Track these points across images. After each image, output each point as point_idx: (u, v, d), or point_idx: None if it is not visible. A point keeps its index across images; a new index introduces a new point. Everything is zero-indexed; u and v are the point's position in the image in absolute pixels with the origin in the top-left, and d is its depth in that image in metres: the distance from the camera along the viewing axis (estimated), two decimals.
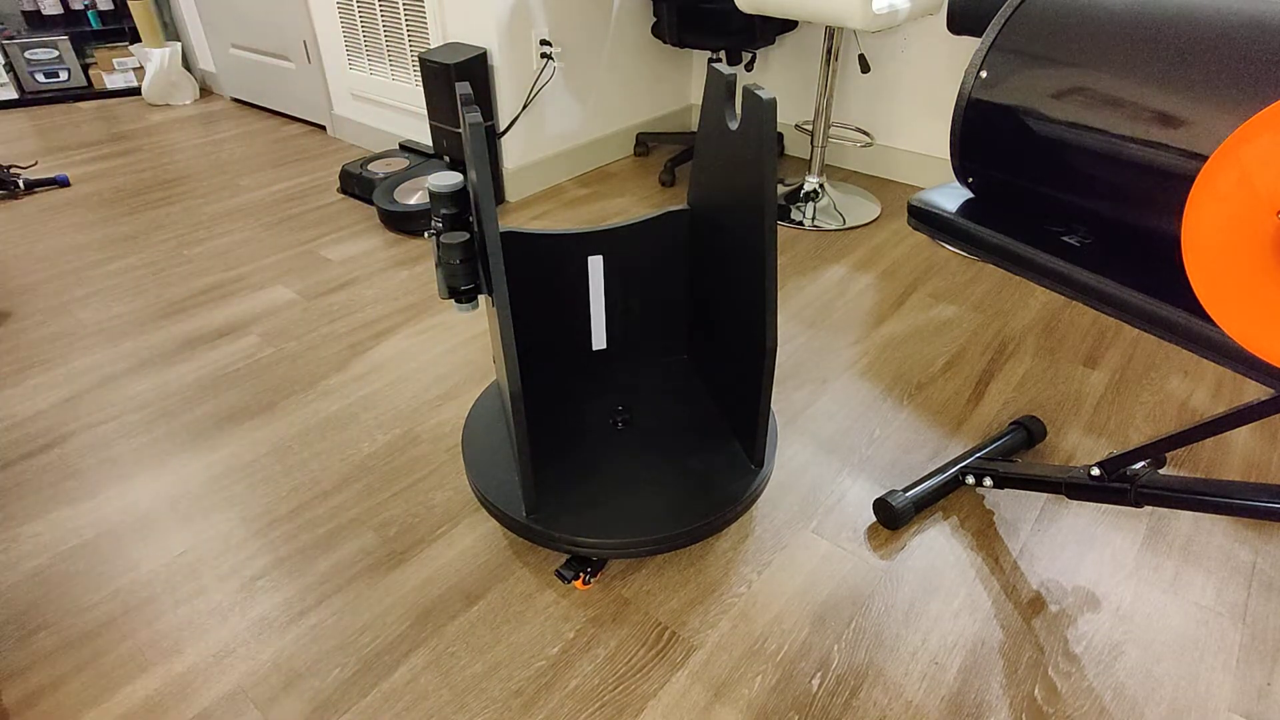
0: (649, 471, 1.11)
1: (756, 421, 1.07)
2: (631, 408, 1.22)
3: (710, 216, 1.12)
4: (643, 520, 1.03)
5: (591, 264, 1.18)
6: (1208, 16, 0.75)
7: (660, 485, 1.09)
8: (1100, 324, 1.66)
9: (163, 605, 1.06)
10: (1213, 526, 1.17)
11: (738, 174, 0.99)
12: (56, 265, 1.93)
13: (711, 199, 1.10)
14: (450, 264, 0.95)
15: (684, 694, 0.95)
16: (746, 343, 1.05)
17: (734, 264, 1.05)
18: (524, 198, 2.34)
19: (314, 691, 0.95)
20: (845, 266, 1.92)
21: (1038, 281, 0.88)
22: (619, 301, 1.24)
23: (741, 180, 0.98)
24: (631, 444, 1.16)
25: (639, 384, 1.28)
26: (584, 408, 1.23)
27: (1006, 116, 0.88)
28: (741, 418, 1.13)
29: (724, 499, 1.06)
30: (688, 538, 1.04)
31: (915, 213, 1.00)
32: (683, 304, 1.28)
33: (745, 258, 1.01)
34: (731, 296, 1.09)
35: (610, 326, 1.26)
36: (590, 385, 1.28)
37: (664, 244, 1.21)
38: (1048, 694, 0.95)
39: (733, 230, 1.03)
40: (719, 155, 1.05)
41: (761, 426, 1.07)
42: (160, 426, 1.38)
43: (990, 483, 1.17)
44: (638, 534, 1.01)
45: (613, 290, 1.22)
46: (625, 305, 1.25)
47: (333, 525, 1.18)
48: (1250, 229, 0.63)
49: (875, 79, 2.36)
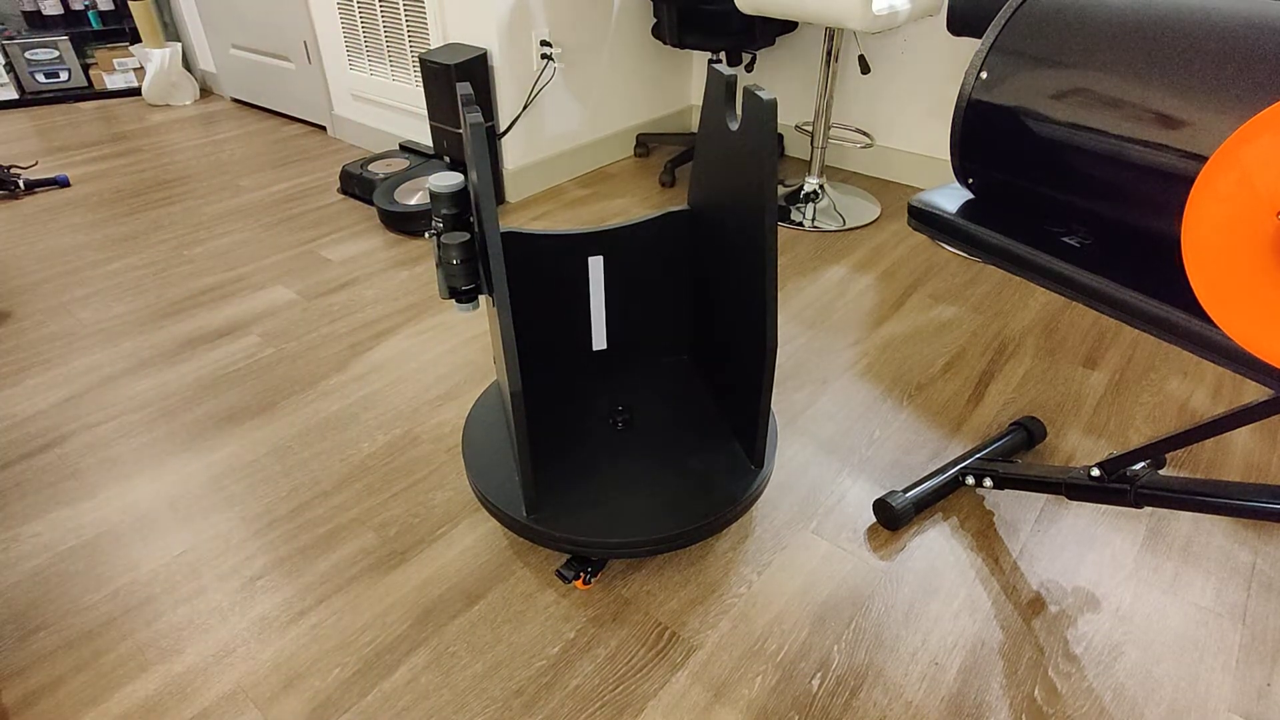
0: (649, 472, 1.11)
1: (757, 422, 1.07)
2: (632, 408, 1.22)
3: (711, 217, 1.12)
4: (643, 520, 1.03)
5: (592, 264, 1.18)
6: (1207, 17, 0.75)
7: (660, 485, 1.08)
8: (1100, 324, 1.66)
9: (162, 605, 1.06)
10: (1213, 527, 1.17)
11: (738, 175, 0.99)
12: (56, 265, 1.93)
13: (712, 199, 1.10)
14: (450, 264, 0.95)
15: (684, 694, 0.95)
16: (747, 343, 1.05)
17: (735, 264, 1.05)
18: (524, 198, 2.34)
19: (314, 691, 0.95)
20: (845, 267, 1.92)
21: (1038, 282, 0.88)
22: (619, 302, 1.24)
23: (742, 181, 0.98)
24: (631, 444, 1.16)
25: (639, 384, 1.28)
26: (584, 408, 1.23)
27: (1006, 117, 0.88)
28: (742, 418, 1.13)
29: (724, 499, 1.06)
30: (688, 538, 1.04)
31: (915, 213, 1.00)
32: (683, 305, 1.28)
33: (746, 258, 1.01)
34: (732, 297, 1.09)
35: (610, 327, 1.26)
36: (590, 385, 1.27)
37: (665, 245, 1.21)
38: (1048, 694, 0.95)
39: (733, 231, 1.03)
40: (719, 156, 1.05)
41: (762, 427, 1.07)
42: (160, 426, 1.38)
43: (990, 483, 1.17)
44: (638, 534, 1.01)
45: (613, 291, 1.22)
46: (626, 306, 1.24)
47: (333, 525, 1.18)
48: (1250, 230, 0.63)
49: (875, 80, 2.36)
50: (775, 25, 2.26)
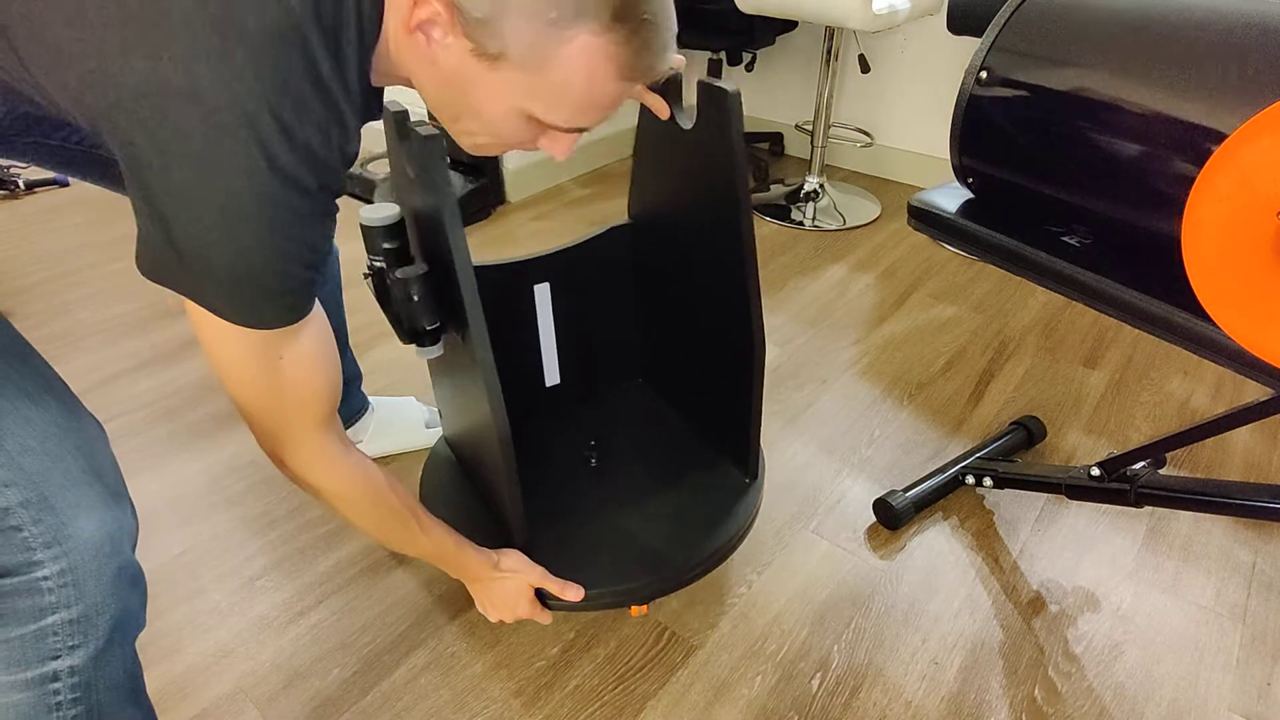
0: (639, 509, 1.03)
1: (749, 433, 1.01)
2: (601, 442, 1.14)
3: (661, 227, 1.04)
4: (654, 560, 0.95)
5: (538, 292, 1.08)
6: (1207, 17, 0.75)
7: (658, 520, 1.01)
8: (1100, 324, 1.66)
9: (162, 605, 1.06)
10: (1213, 526, 1.17)
11: (698, 176, 0.92)
12: (56, 265, 1.93)
13: (662, 208, 1.03)
14: (409, 301, 0.82)
15: (684, 694, 0.95)
16: (726, 353, 0.99)
17: (702, 272, 0.99)
18: (524, 198, 2.34)
19: (314, 691, 0.95)
20: (845, 266, 1.92)
21: (1038, 281, 0.88)
22: (568, 330, 1.14)
23: (703, 183, 0.91)
24: (610, 482, 1.07)
25: (601, 415, 1.19)
26: (550, 450, 1.13)
27: (1006, 116, 0.88)
28: (728, 431, 1.07)
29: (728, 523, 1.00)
30: (704, 568, 0.98)
31: (915, 213, 1.00)
32: (633, 324, 1.20)
33: (716, 263, 0.94)
34: (701, 307, 1.02)
35: (561, 358, 1.16)
36: (550, 424, 1.18)
37: (610, 263, 1.11)
38: (1048, 694, 0.95)
39: (696, 237, 0.97)
40: (670, 161, 0.97)
41: (754, 437, 1.02)
42: (160, 426, 1.38)
43: (990, 483, 1.17)
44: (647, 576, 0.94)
45: (561, 318, 1.12)
46: (575, 333, 1.15)
47: (333, 525, 1.18)
48: (1250, 230, 0.63)
49: (875, 79, 2.36)
50: (774, 24, 2.26)
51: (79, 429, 0.61)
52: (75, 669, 0.60)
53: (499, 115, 0.61)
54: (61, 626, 0.58)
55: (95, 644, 0.60)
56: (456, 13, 0.55)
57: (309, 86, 0.54)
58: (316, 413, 0.71)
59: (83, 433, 0.61)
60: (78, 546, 0.57)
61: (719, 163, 0.87)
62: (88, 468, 0.60)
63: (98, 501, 0.59)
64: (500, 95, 0.59)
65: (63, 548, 0.57)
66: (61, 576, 0.57)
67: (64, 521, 0.57)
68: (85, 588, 0.58)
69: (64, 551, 0.57)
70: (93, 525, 0.58)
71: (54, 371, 0.64)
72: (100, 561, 0.59)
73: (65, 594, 0.58)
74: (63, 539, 0.57)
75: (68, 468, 0.58)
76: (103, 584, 0.59)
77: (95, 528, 0.58)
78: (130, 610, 0.63)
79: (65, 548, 0.57)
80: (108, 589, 0.60)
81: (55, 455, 0.58)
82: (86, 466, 0.60)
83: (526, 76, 0.57)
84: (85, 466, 0.60)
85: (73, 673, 0.60)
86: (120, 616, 0.62)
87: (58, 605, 0.58)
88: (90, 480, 0.59)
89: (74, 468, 0.59)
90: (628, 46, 0.57)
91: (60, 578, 0.57)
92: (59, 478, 0.57)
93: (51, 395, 0.61)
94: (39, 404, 0.59)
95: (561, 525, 1.01)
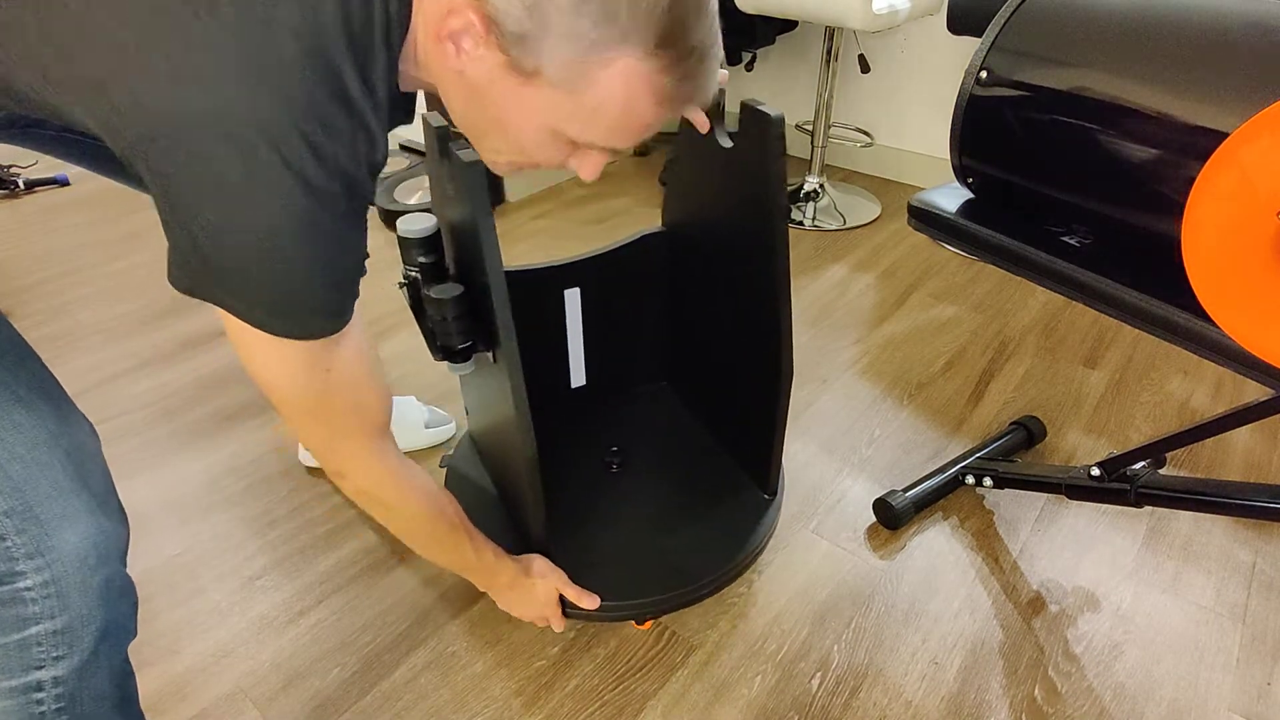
0: (657, 521, 1.04)
1: (771, 451, 1.01)
2: (624, 448, 1.14)
3: (697, 237, 1.05)
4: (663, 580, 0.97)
5: (568, 297, 1.10)
6: (1207, 17, 0.75)
7: (677, 533, 1.02)
8: (1100, 324, 1.66)
9: (161, 605, 1.06)
10: (1213, 526, 1.17)
11: (735, 195, 0.92)
12: (56, 265, 1.93)
13: (697, 220, 1.03)
14: (443, 320, 0.82)
15: (684, 694, 0.95)
16: (753, 368, 0.99)
17: (732, 285, 0.99)
18: (524, 197, 2.34)
19: (314, 691, 0.95)
20: (846, 266, 1.92)
21: (1038, 281, 0.88)
22: (596, 332, 1.15)
23: (740, 202, 0.91)
24: (631, 489, 1.09)
25: (624, 419, 1.21)
26: (573, 452, 1.15)
27: (1007, 116, 0.88)
28: (751, 446, 1.07)
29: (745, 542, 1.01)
30: (720, 583, 0.99)
31: (915, 213, 1.00)
32: (661, 329, 1.21)
33: (749, 285, 0.94)
34: (731, 324, 1.02)
35: (588, 360, 1.18)
36: (575, 426, 1.19)
37: (642, 269, 1.13)
38: (1048, 694, 0.95)
39: (730, 251, 0.97)
40: (708, 175, 0.97)
41: (776, 456, 1.02)
42: (160, 426, 1.38)
43: (990, 483, 1.17)
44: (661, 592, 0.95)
45: (590, 321, 1.14)
46: (603, 336, 1.16)
47: (333, 525, 1.18)
48: (1250, 229, 0.63)
49: (875, 79, 2.36)
50: (774, 24, 2.26)
51: (69, 435, 0.61)
52: (59, 679, 0.60)
53: (528, 133, 0.59)
54: (45, 637, 0.58)
55: (80, 655, 0.60)
56: (492, 25, 0.53)
57: (337, 107, 0.53)
58: (372, 420, 0.71)
59: (73, 439, 0.61)
60: (61, 558, 0.57)
61: (758, 188, 0.86)
62: (76, 476, 0.59)
63: (84, 512, 0.59)
64: (531, 112, 0.57)
65: (45, 559, 0.57)
66: (45, 588, 0.57)
67: (48, 532, 0.57)
68: (70, 599, 0.58)
69: (47, 563, 0.57)
70: (77, 537, 0.58)
71: (50, 374, 0.63)
72: (85, 573, 0.58)
73: (49, 605, 0.57)
74: (46, 550, 0.56)
75: (55, 477, 0.58)
76: (88, 595, 0.59)
77: (80, 539, 0.58)
78: (118, 621, 0.63)
79: (49, 559, 0.57)
80: (93, 600, 0.59)
81: (43, 463, 0.57)
82: (75, 475, 0.59)
83: (561, 96, 0.55)
84: (74, 475, 0.59)
85: (57, 683, 0.60)
86: (106, 627, 0.61)
87: (41, 616, 0.57)
88: (78, 489, 0.59)
89: (62, 476, 0.58)
90: (670, 75, 0.55)
91: (44, 589, 0.57)
92: (46, 487, 0.57)
93: (44, 400, 0.60)
94: (30, 409, 0.58)
95: (580, 533, 1.02)
